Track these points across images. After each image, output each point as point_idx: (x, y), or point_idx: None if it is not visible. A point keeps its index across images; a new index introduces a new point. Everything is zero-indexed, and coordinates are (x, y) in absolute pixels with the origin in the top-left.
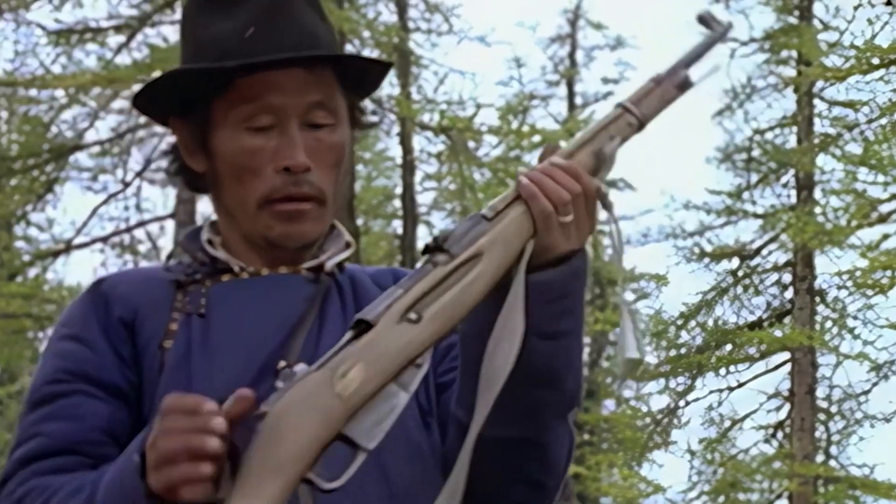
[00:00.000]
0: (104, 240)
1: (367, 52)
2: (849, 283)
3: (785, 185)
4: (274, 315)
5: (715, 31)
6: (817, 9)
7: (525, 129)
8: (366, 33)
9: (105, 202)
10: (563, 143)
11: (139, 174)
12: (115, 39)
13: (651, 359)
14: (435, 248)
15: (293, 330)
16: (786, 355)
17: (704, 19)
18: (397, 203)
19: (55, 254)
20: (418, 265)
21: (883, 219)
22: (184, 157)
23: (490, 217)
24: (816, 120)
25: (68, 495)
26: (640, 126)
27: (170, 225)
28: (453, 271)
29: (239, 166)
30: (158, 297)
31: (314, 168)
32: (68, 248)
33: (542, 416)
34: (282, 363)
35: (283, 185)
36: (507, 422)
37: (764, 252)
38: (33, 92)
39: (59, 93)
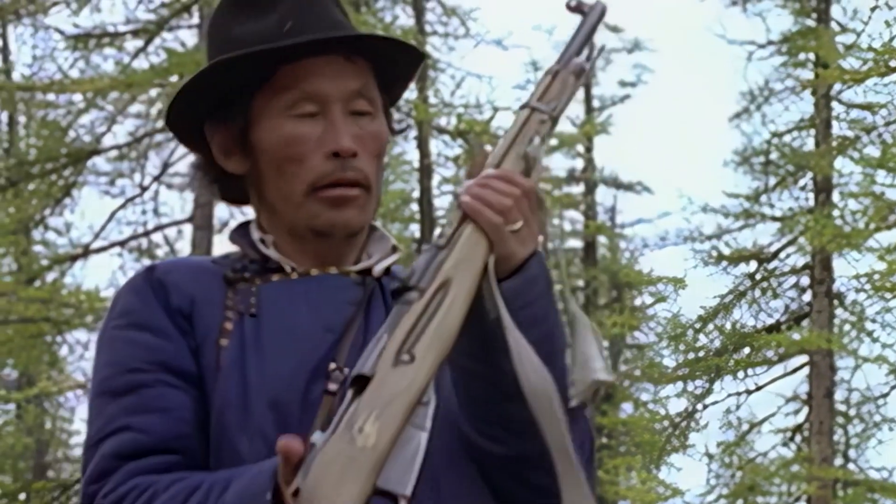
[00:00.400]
0: (122, 244)
1: None
2: (867, 286)
3: (803, 188)
4: (323, 317)
5: (589, 15)
6: (835, 11)
7: None
8: None
9: (123, 206)
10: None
11: (157, 178)
12: (132, 44)
13: (669, 362)
14: (403, 289)
15: (342, 333)
16: (804, 358)
17: (577, 7)
18: (415, 207)
19: (73, 258)
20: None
21: None
22: (220, 161)
23: (444, 245)
24: (834, 122)
25: (183, 493)
26: (554, 120)
27: (187, 229)
28: (428, 304)
29: (284, 156)
30: (211, 291)
31: (359, 154)
32: (86, 252)
33: (536, 427)
34: (332, 365)
35: (331, 171)
36: (505, 439)
37: (782, 255)
38: (51, 96)
39: (77, 97)
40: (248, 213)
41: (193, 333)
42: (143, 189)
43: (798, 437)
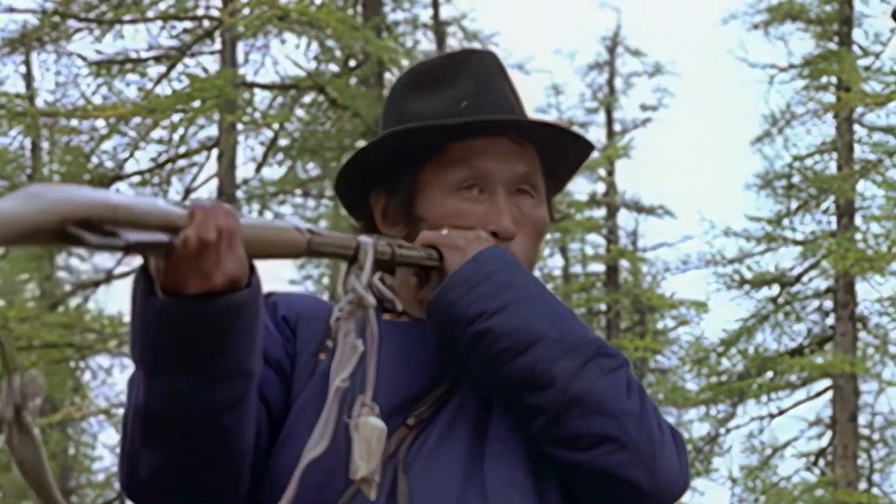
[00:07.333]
0: None
1: None
2: (890, 310)
3: (825, 212)
4: (423, 359)
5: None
6: (857, 35)
7: None
8: (405, 62)
9: None
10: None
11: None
12: (155, 70)
13: (692, 386)
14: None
15: (433, 381)
16: (827, 382)
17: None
18: None
19: (96, 283)
20: None
21: None
22: (381, 227)
23: None
24: (856, 146)
25: None
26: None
27: None
28: None
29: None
30: (320, 314)
31: (518, 237)
32: (109, 277)
33: (551, 374)
34: (419, 407)
35: None
36: (527, 399)
37: (804, 279)
38: (74, 122)
39: (100, 123)
40: None
41: (294, 341)
42: None
43: (822, 462)
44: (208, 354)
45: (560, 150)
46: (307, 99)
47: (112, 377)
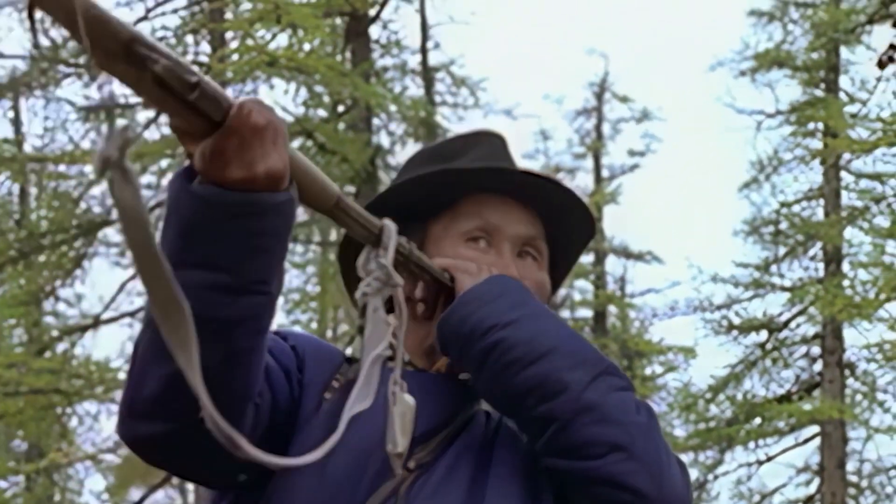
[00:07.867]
0: (132, 314)
1: (393, 126)
2: (878, 356)
3: (812, 258)
4: (421, 408)
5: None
6: (843, 81)
7: None
8: (392, 107)
9: (133, 277)
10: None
11: None
12: (143, 115)
13: (680, 432)
14: None
15: (435, 426)
16: (815, 429)
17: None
18: None
19: (83, 329)
20: None
21: None
22: None
23: None
24: (843, 192)
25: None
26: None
27: None
28: None
29: None
30: (327, 356)
31: None
32: (96, 323)
33: (563, 381)
34: (420, 452)
35: None
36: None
37: (792, 325)
38: (62, 167)
39: (88, 168)
40: None
41: (304, 371)
42: None
43: None
44: (236, 253)
45: (565, 227)
46: (296, 144)
47: (99, 423)
